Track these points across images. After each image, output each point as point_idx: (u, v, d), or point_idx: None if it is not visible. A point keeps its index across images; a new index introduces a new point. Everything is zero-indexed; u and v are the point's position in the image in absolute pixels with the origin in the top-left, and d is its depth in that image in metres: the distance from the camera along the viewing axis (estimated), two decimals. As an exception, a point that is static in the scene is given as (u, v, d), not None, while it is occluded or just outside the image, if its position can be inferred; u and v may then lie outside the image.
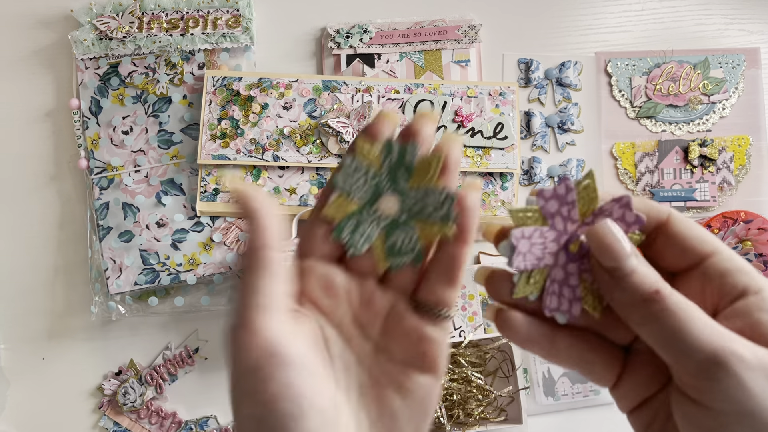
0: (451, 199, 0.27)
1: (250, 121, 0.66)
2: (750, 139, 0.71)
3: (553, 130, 0.71)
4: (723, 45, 0.73)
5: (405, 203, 0.28)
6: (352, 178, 0.28)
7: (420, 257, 0.28)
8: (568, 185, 0.26)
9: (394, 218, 0.28)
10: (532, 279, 0.27)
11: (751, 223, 0.52)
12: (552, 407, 0.69)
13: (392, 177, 0.28)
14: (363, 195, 0.28)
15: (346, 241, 0.28)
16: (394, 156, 0.28)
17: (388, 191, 0.28)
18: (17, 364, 0.68)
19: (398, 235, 0.28)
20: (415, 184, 0.28)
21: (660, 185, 0.71)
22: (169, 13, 0.67)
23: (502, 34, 0.72)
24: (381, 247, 0.29)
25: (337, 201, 0.28)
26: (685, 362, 0.23)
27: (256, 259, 0.26)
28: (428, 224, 0.28)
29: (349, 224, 0.28)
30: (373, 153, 0.28)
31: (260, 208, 0.27)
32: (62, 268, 0.69)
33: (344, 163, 0.28)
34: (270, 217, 0.27)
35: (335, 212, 0.28)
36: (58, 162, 0.69)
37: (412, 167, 0.28)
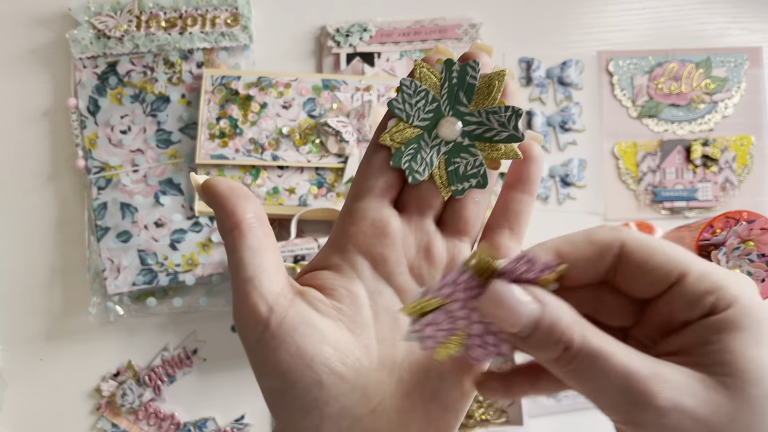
0: (517, 114, 0.26)
1: (249, 121, 0.65)
2: (752, 139, 0.71)
3: (554, 129, 0.71)
4: (725, 44, 0.72)
5: (467, 126, 0.27)
6: (410, 102, 0.27)
7: (486, 180, 0.27)
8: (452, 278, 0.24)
9: (456, 142, 0.27)
10: (452, 344, 0.24)
11: (754, 223, 0.52)
12: (553, 408, 0.69)
13: (453, 99, 0.27)
14: (422, 119, 0.27)
15: (406, 167, 0.27)
16: (454, 76, 0.27)
17: (448, 114, 0.27)
18: (14, 365, 0.68)
19: (461, 159, 0.27)
20: (477, 106, 0.27)
21: (662, 185, 0.70)
22: (167, 11, 0.67)
23: (503, 33, 0.71)
24: (443, 173, 0.27)
25: (396, 126, 0.27)
26: (609, 412, 0.22)
27: (231, 241, 0.26)
28: (493, 146, 0.27)
29: (409, 150, 0.27)
30: (432, 75, 0.27)
31: (222, 193, 0.26)
32: (60, 269, 0.68)
33: (402, 86, 0.27)
34: (235, 198, 0.26)
35: (394, 138, 0.27)
36: (56, 162, 0.69)
37: (474, 88, 0.27)
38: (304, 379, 0.24)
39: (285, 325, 0.25)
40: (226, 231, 0.26)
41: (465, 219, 0.28)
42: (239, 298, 0.25)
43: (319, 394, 0.24)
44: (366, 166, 0.28)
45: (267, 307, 0.25)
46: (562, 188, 0.70)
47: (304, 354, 0.24)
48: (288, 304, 0.25)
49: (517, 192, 0.28)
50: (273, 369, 0.25)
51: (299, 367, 0.24)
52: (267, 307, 0.25)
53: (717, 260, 0.53)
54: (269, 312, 0.25)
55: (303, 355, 0.24)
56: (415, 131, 0.27)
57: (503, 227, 0.28)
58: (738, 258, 0.53)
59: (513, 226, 0.28)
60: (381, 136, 0.27)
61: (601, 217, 0.70)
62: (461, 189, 0.27)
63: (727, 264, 0.53)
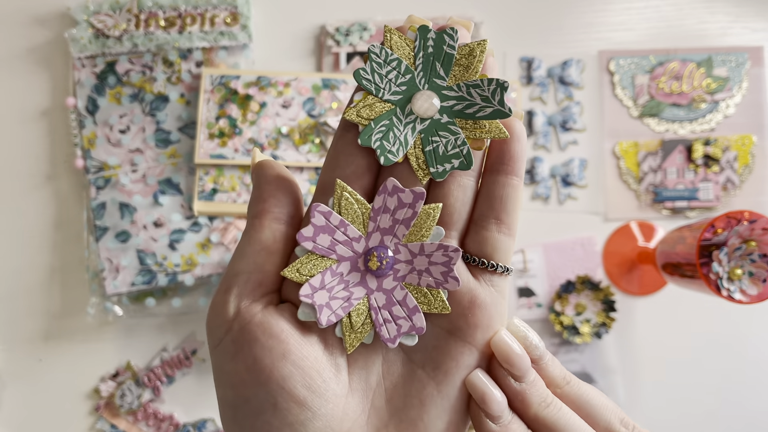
0: (503, 87, 0.23)
1: (249, 120, 0.65)
2: (754, 139, 0.71)
3: (555, 129, 0.71)
4: (727, 43, 0.72)
5: (446, 101, 0.24)
6: (380, 73, 0.24)
7: (470, 160, 0.24)
8: (320, 211, 0.23)
9: (434, 119, 0.24)
10: (356, 322, 0.23)
11: (756, 223, 0.51)
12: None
13: (429, 71, 0.24)
14: (394, 93, 0.24)
15: (377, 146, 0.24)
16: (430, 45, 0.24)
17: (424, 88, 0.24)
18: (13, 366, 0.67)
19: (440, 138, 0.24)
20: (456, 79, 0.24)
21: (663, 185, 0.70)
22: (166, 10, 0.66)
23: (503, 32, 0.71)
24: (420, 153, 0.24)
25: (364, 100, 0.24)
26: None
27: (247, 227, 0.24)
28: (476, 123, 0.24)
29: (380, 127, 0.24)
30: (405, 44, 0.24)
31: (267, 177, 0.24)
32: (58, 269, 0.68)
33: (371, 54, 0.24)
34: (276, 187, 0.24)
35: (361, 113, 0.24)
36: (54, 161, 0.68)
37: (452, 58, 0.24)
38: (258, 398, 0.22)
39: (246, 333, 0.22)
40: (249, 214, 0.24)
41: (449, 207, 0.24)
42: (219, 289, 0.24)
43: (272, 418, 0.22)
44: (334, 149, 0.25)
45: (235, 308, 0.23)
46: (563, 188, 0.70)
47: (261, 369, 0.22)
48: (258, 310, 0.23)
49: (500, 174, 0.24)
50: (226, 379, 0.23)
51: (253, 383, 0.22)
52: (235, 308, 0.23)
53: (719, 260, 0.53)
54: (235, 315, 0.23)
55: (259, 371, 0.22)
56: (387, 106, 0.24)
57: (488, 217, 0.24)
58: (739, 258, 0.53)
59: (500, 215, 0.24)
60: (346, 111, 0.24)
61: (602, 217, 0.70)
62: (442, 171, 0.24)
63: (728, 264, 0.53)
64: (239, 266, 0.24)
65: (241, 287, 0.23)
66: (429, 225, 0.23)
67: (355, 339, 0.23)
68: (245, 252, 0.24)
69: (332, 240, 0.23)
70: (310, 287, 0.23)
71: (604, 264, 0.69)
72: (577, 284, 0.68)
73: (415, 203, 0.23)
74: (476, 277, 0.24)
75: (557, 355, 0.68)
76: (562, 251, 0.69)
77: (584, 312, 0.68)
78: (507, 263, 0.25)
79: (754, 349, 0.69)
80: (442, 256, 0.23)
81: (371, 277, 0.24)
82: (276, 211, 0.24)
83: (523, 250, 0.69)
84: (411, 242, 0.24)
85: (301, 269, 0.23)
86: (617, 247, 0.69)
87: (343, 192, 0.23)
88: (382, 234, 0.24)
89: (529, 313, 0.69)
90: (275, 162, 0.25)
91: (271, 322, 0.23)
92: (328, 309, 0.23)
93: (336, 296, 0.23)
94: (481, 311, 0.24)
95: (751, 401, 0.69)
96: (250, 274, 0.23)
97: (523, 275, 0.69)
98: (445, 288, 0.24)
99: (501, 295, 0.25)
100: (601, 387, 0.68)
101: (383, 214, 0.24)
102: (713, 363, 0.69)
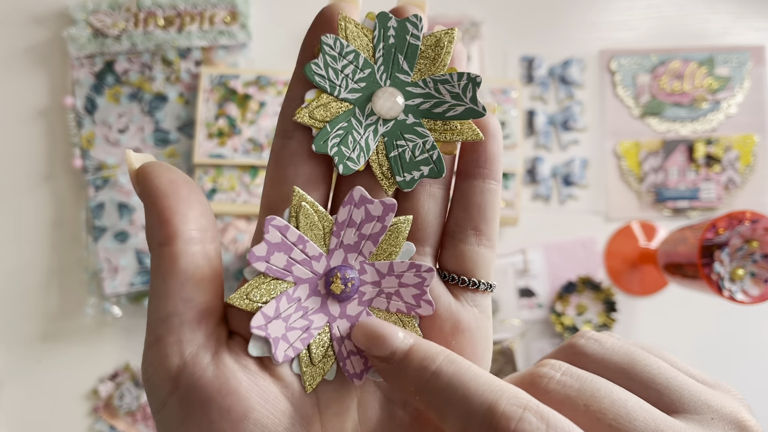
0: (475, 83, 0.20)
1: (248, 120, 0.65)
2: (756, 138, 0.70)
3: (556, 128, 0.70)
4: (728, 42, 0.72)
5: (411, 99, 0.21)
6: (335, 67, 0.20)
7: (441, 166, 0.21)
8: (275, 225, 0.20)
9: (398, 120, 0.21)
10: (316, 356, 0.20)
11: (758, 223, 0.51)
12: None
13: (391, 65, 0.21)
14: (352, 90, 0.21)
15: (334, 152, 0.20)
16: (391, 35, 0.21)
17: (386, 84, 0.21)
18: (12, 367, 0.67)
19: (406, 142, 0.21)
20: (422, 74, 0.21)
21: (665, 185, 0.70)
22: (165, 9, 0.66)
23: (504, 31, 0.71)
24: (383, 160, 0.21)
25: (318, 99, 0.21)
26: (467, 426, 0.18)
27: (156, 259, 0.19)
28: (447, 124, 0.21)
29: (337, 130, 0.21)
30: (363, 34, 0.21)
31: (160, 189, 0.19)
32: (57, 270, 0.67)
33: (323, 45, 0.20)
34: (176, 199, 0.19)
35: (314, 114, 0.20)
36: (52, 161, 0.68)
37: (417, 50, 0.21)
38: None
39: (198, 391, 0.18)
40: (154, 242, 0.20)
41: (420, 220, 0.21)
42: (149, 340, 0.19)
43: None
44: (276, 160, 0.21)
45: (180, 360, 0.19)
46: (564, 188, 0.70)
47: None
48: (209, 360, 0.19)
49: (476, 179, 0.21)
50: None
51: None
52: (180, 360, 0.19)
53: (720, 260, 0.52)
54: (181, 368, 0.19)
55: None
56: (344, 106, 0.21)
57: (466, 228, 0.21)
58: (741, 258, 0.53)
59: (479, 225, 0.21)
60: (297, 112, 0.20)
61: (604, 217, 0.70)
62: (410, 180, 0.21)
63: (730, 264, 0.52)
64: (165, 309, 0.19)
65: (178, 332, 0.19)
66: (399, 241, 0.21)
67: (316, 375, 0.20)
68: (166, 291, 0.19)
69: (289, 259, 0.20)
70: (263, 317, 0.19)
71: (606, 264, 0.69)
72: (579, 285, 0.67)
73: (385, 216, 0.20)
74: (457, 297, 0.21)
75: (558, 355, 0.68)
76: (563, 251, 0.69)
77: (585, 312, 0.68)
78: (489, 279, 0.22)
79: (755, 350, 0.69)
80: (414, 276, 0.20)
81: (333, 302, 0.21)
82: (186, 230, 0.19)
83: (524, 251, 0.69)
84: (379, 261, 0.21)
85: (252, 295, 0.20)
86: (618, 248, 0.69)
87: (302, 202, 0.20)
88: (345, 251, 0.21)
89: (530, 313, 0.68)
90: (160, 163, 0.20)
91: (227, 374, 0.19)
92: (285, 342, 0.20)
93: (293, 326, 0.20)
94: (465, 337, 0.21)
95: (752, 402, 0.69)
96: (182, 315, 0.19)
97: (524, 276, 0.69)
98: (418, 313, 0.21)
99: (485, 316, 0.22)
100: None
101: (348, 228, 0.20)
102: (714, 363, 0.69)
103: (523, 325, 0.68)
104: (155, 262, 0.20)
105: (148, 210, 0.20)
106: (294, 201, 0.20)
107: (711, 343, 0.69)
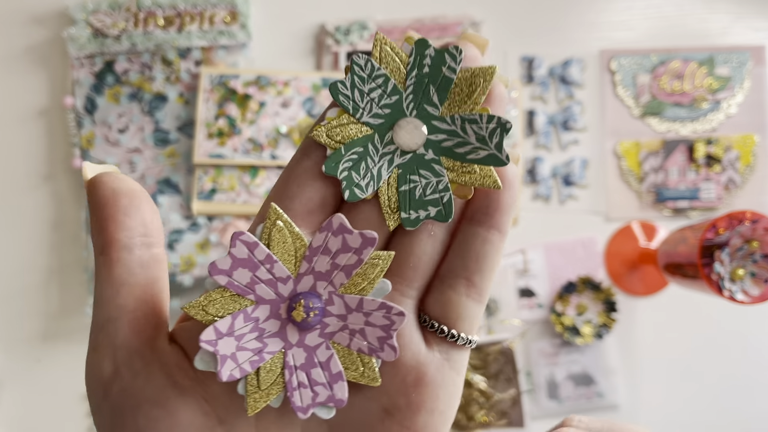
0: (504, 129, 0.19)
1: (248, 120, 0.65)
2: (756, 138, 0.70)
3: (556, 128, 0.70)
4: (728, 42, 0.72)
5: (434, 134, 0.20)
6: (362, 89, 0.20)
7: (450, 211, 0.20)
8: (244, 240, 0.19)
9: (417, 154, 0.20)
10: (264, 381, 0.19)
11: (758, 223, 0.51)
12: (555, 410, 0.68)
13: (420, 95, 0.20)
14: (375, 116, 0.20)
15: (344, 176, 0.20)
16: (426, 63, 0.20)
17: (411, 114, 0.20)
18: (11, 367, 0.67)
19: (420, 178, 0.20)
20: (451, 108, 0.20)
21: (665, 185, 0.70)
22: (165, 9, 0.66)
23: (504, 31, 0.71)
24: (393, 193, 0.20)
25: (338, 119, 0.20)
26: None
27: (96, 267, 0.20)
28: (465, 167, 0.20)
29: (351, 154, 0.20)
30: (397, 57, 0.20)
31: (102, 198, 0.20)
32: (57, 269, 0.67)
33: (354, 65, 0.20)
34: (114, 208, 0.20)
35: (332, 134, 0.20)
36: (52, 161, 0.68)
37: (450, 83, 0.20)
38: None
39: (128, 398, 0.19)
40: (95, 251, 0.20)
41: (414, 259, 0.20)
42: (89, 346, 0.20)
43: None
44: (292, 171, 0.20)
45: (112, 367, 0.19)
46: (564, 188, 0.69)
47: None
48: (141, 367, 0.19)
49: (481, 227, 0.20)
50: None
51: None
52: (112, 367, 0.19)
53: (720, 260, 0.52)
54: (113, 375, 0.19)
55: None
56: (363, 130, 0.20)
57: (458, 276, 0.20)
58: (741, 259, 0.53)
59: (473, 276, 0.20)
60: (315, 129, 0.20)
61: (604, 217, 0.70)
62: (415, 219, 0.20)
63: (730, 264, 0.52)
64: (102, 315, 0.19)
65: (112, 338, 0.19)
66: (374, 277, 0.19)
67: (260, 401, 0.19)
68: (104, 297, 0.19)
69: (253, 277, 0.19)
70: (214, 332, 0.19)
71: (606, 264, 0.69)
72: (579, 285, 0.67)
73: (363, 249, 0.19)
74: (430, 346, 0.20)
75: (558, 356, 0.68)
76: (563, 251, 0.69)
77: (585, 313, 0.68)
78: (471, 334, 0.20)
79: (755, 350, 0.69)
80: (383, 318, 0.19)
81: (293, 329, 0.20)
82: (122, 237, 0.19)
83: (523, 251, 0.69)
84: (349, 294, 0.20)
85: (208, 307, 0.19)
86: (619, 248, 0.69)
87: (276, 220, 0.19)
88: (315, 278, 0.20)
89: (530, 313, 0.68)
90: (111, 174, 0.20)
91: (156, 382, 0.19)
92: (233, 361, 0.19)
93: (245, 346, 0.19)
94: (427, 390, 0.20)
95: (752, 402, 0.69)
96: (118, 321, 0.19)
97: (524, 276, 0.69)
98: (379, 357, 0.19)
99: (456, 373, 0.20)
100: (602, 387, 0.68)
101: (322, 255, 0.19)
102: (715, 364, 0.69)
103: (523, 325, 0.68)
104: (96, 269, 0.20)
105: (91, 219, 0.20)
106: (269, 217, 0.19)
107: (711, 342, 0.69)
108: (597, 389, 0.68)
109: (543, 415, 0.68)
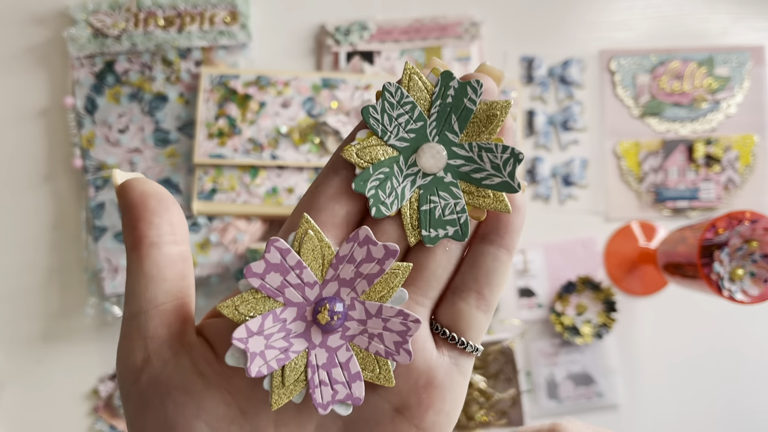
0: (517, 159, 0.21)
1: (248, 120, 0.65)
2: (755, 138, 0.70)
3: (555, 128, 0.70)
4: (728, 42, 0.72)
5: (453, 159, 0.22)
6: (390, 114, 0.22)
7: (466, 231, 0.22)
8: (278, 247, 0.21)
9: (437, 176, 0.22)
10: (288, 378, 0.21)
11: (757, 223, 0.51)
12: (555, 410, 0.68)
13: (443, 122, 0.22)
14: (401, 139, 0.22)
15: (371, 194, 0.21)
16: (450, 94, 0.22)
17: (434, 140, 0.22)
18: (12, 367, 0.67)
19: (439, 199, 0.22)
20: (470, 137, 0.22)
21: (664, 185, 0.70)
22: (165, 9, 0.66)
23: (504, 31, 0.71)
24: (414, 211, 0.22)
25: (367, 140, 0.22)
26: None
27: (129, 263, 0.21)
28: (480, 191, 0.22)
29: (378, 174, 0.22)
30: (424, 87, 0.22)
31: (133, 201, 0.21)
32: (57, 270, 0.67)
33: (385, 92, 0.22)
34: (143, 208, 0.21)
35: (361, 154, 0.22)
36: (53, 161, 0.68)
37: (471, 114, 0.22)
38: None
39: (157, 385, 0.20)
40: (127, 248, 0.22)
41: (429, 272, 0.22)
42: (121, 334, 0.21)
43: None
44: (321, 185, 0.22)
45: (144, 355, 0.21)
46: (563, 188, 0.70)
47: (173, 428, 0.20)
48: (170, 357, 0.21)
49: (492, 246, 0.22)
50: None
51: None
52: (144, 355, 0.21)
53: (720, 260, 0.52)
54: (144, 362, 0.20)
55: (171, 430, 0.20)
56: (389, 152, 0.22)
57: (469, 290, 0.22)
58: (741, 258, 0.53)
59: (482, 289, 0.22)
60: (345, 149, 0.22)
61: (603, 217, 0.70)
62: (434, 237, 0.22)
63: (730, 264, 0.53)
64: (134, 308, 0.21)
65: (143, 329, 0.21)
66: (394, 286, 0.21)
67: (284, 396, 0.21)
68: (135, 291, 0.21)
69: (283, 281, 0.21)
70: (246, 330, 0.20)
71: (605, 264, 0.69)
72: (578, 285, 0.68)
73: (385, 260, 0.21)
74: (440, 351, 0.22)
75: (558, 356, 0.68)
76: (563, 251, 0.69)
77: (585, 312, 0.68)
78: (478, 343, 0.22)
79: (755, 350, 0.69)
80: (400, 324, 0.21)
81: (317, 331, 0.21)
82: (151, 235, 0.21)
83: (523, 251, 0.69)
84: (369, 300, 0.21)
85: (241, 307, 0.21)
86: (618, 248, 0.69)
87: (308, 230, 0.21)
88: (339, 284, 0.21)
89: (530, 313, 0.69)
90: (139, 179, 0.22)
91: (184, 372, 0.20)
92: (261, 358, 0.20)
93: (273, 345, 0.21)
94: (436, 392, 0.21)
95: (752, 401, 0.69)
96: (148, 313, 0.21)
97: (523, 275, 0.69)
98: (395, 360, 0.21)
99: (463, 377, 0.22)
100: (601, 387, 0.68)
101: (347, 263, 0.21)
102: (714, 363, 0.69)
103: (523, 325, 0.68)
104: (128, 264, 0.22)
105: (122, 220, 0.22)
106: (301, 226, 0.21)
107: (711, 343, 0.69)
108: (596, 389, 0.68)
109: (543, 414, 0.68)
